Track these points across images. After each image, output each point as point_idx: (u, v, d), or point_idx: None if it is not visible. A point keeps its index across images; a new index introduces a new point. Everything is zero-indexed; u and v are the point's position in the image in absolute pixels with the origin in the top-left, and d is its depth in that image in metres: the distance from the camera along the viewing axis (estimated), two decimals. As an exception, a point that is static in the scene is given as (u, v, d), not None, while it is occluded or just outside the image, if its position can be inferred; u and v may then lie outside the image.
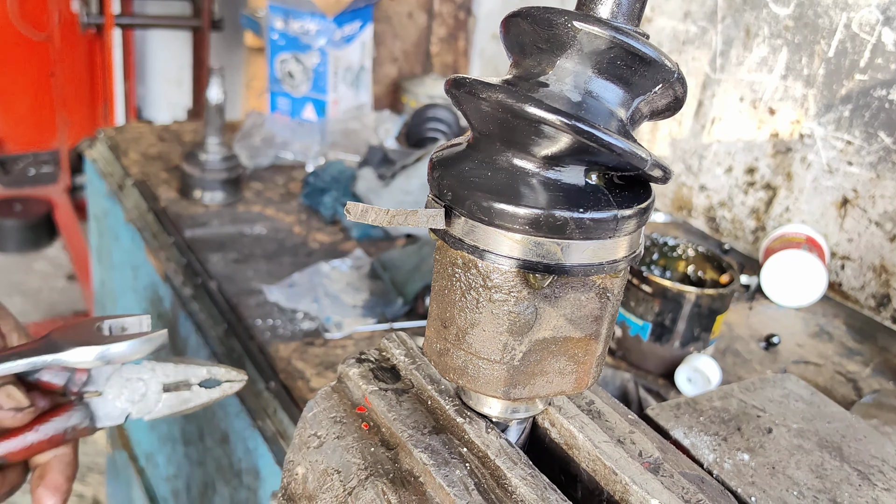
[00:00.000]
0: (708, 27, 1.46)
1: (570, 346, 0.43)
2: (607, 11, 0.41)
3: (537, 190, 0.40)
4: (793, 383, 0.77)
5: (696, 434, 0.66)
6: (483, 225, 0.40)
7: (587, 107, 0.40)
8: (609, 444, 0.47)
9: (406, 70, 1.93)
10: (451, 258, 0.43)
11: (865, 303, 1.28)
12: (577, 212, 0.39)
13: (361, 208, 0.39)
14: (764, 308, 1.26)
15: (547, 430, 0.50)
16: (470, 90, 0.40)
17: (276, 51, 1.63)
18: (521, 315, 0.42)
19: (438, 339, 0.45)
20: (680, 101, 0.42)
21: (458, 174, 0.41)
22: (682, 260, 1.12)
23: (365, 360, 0.53)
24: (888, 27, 1.19)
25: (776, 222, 1.40)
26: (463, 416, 0.47)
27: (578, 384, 0.45)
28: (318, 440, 0.49)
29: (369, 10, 1.66)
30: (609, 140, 0.38)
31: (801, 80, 1.32)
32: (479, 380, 0.43)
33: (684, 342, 1.02)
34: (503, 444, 0.45)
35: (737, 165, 1.45)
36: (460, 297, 0.43)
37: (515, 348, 0.42)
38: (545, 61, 0.41)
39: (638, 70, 0.40)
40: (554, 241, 0.40)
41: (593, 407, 0.51)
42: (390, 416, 0.48)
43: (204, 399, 0.59)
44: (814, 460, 0.65)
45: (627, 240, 0.41)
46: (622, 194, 0.41)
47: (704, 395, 0.72)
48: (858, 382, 1.08)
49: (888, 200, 1.22)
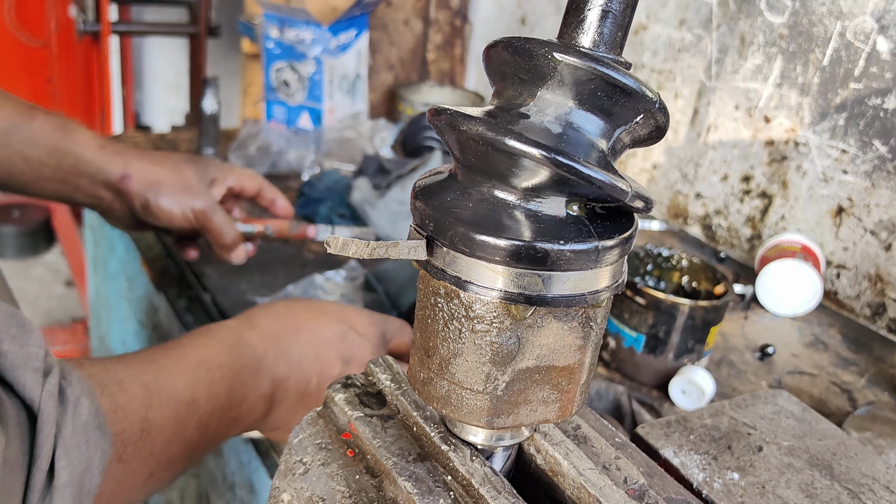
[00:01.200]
0: (703, 35, 1.46)
1: (554, 374, 0.43)
2: (589, 41, 0.41)
3: (518, 221, 0.40)
4: (784, 399, 0.76)
5: (686, 453, 0.66)
6: (465, 256, 0.40)
7: (567, 139, 0.40)
8: (594, 472, 0.47)
9: (402, 77, 1.93)
10: (434, 288, 0.43)
11: (861, 312, 1.28)
12: (559, 243, 0.39)
13: (342, 242, 0.39)
14: (759, 317, 1.26)
15: (532, 457, 0.50)
16: (451, 122, 0.40)
17: (272, 59, 1.63)
18: (504, 345, 0.41)
19: (422, 369, 0.45)
20: (662, 129, 0.42)
21: (440, 205, 0.41)
22: (676, 270, 1.12)
23: (351, 384, 0.53)
24: (883, 35, 1.19)
25: (772, 230, 1.40)
26: (448, 444, 0.47)
27: (563, 412, 0.45)
28: (304, 467, 0.49)
29: (365, 18, 1.66)
30: (589, 173, 0.38)
31: (795, 88, 1.32)
32: (462, 409, 0.43)
33: (678, 354, 1.02)
34: (487, 473, 0.45)
35: (732, 173, 1.45)
36: (443, 326, 0.42)
37: (498, 378, 0.42)
38: (526, 92, 0.41)
39: (619, 101, 0.40)
40: (535, 273, 0.39)
41: (579, 432, 0.51)
42: (375, 443, 0.48)
43: None
44: (804, 479, 0.65)
45: (610, 270, 0.41)
46: (604, 224, 0.41)
47: (695, 413, 0.72)
48: (853, 393, 1.08)
49: (883, 209, 1.22)
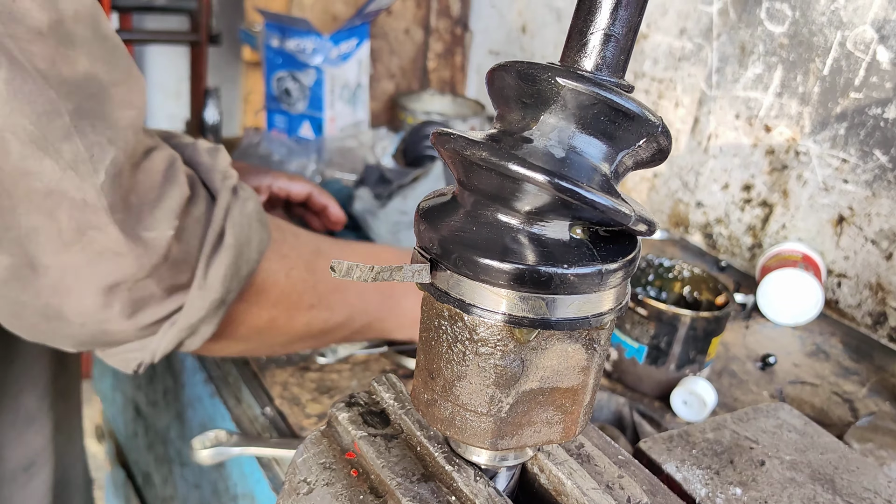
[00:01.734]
0: (703, 44, 1.46)
1: (558, 396, 0.44)
2: (591, 65, 0.41)
3: (522, 245, 0.40)
4: (786, 413, 0.77)
5: (689, 468, 0.66)
6: (468, 279, 0.40)
7: (570, 163, 0.40)
8: (597, 492, 0.47)
9: (403, 86, 1.93)
10: (438, 310, 0.43)
11: (862, 321, 1.28)
12: (562, 267, 0.39)
13: (346, 266, 0.39)
14: (760, 327, 1.26)
15: (536, 476, 0.50)
16: (454, 146, 0.40)
17: (273, 69, 1.63)
18: (508, 368, 0.42)
19: (426, 390, 0.45)
20: (664, 152, 0.42)
21: (444, 227, 0.41)
22: (677, 281, 1.12)
23: (355, 403, 0.53)
24: (883, 45, 1.19)
25: (773, 239, 1.40)
26: (451, 464, 0.47)
27: (566, 433, 0.45)
28: (308, 486, 0.49)
29: (366, 28, 1.67)
30: (592, 197, 0.38)
31: (796, 97, 1.33)
32: (466, 431, 0.44)
33: (680, 365, 1.02)
34: (491, 493, 0.45)
35: (733, 182, 1.46)
36: (447, 349, 0.43)
37: (502, 400, 0.42)
38: (529, 116, 0.41)
39: (622, 125, 0.40)
40: (539, 297, 0.40)
41: (583, 451, 0.51)
42: (379, 463, 0.48)
43: None
44: (806, 493, 0.65)
45: (613, 293, 0.42)
46: (607, 248, 0.41)
47: (697, 427, 0.72)
48: (854, 403, 1.08)
49: (884, 218, 1.22)
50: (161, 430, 1.38)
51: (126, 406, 1.60)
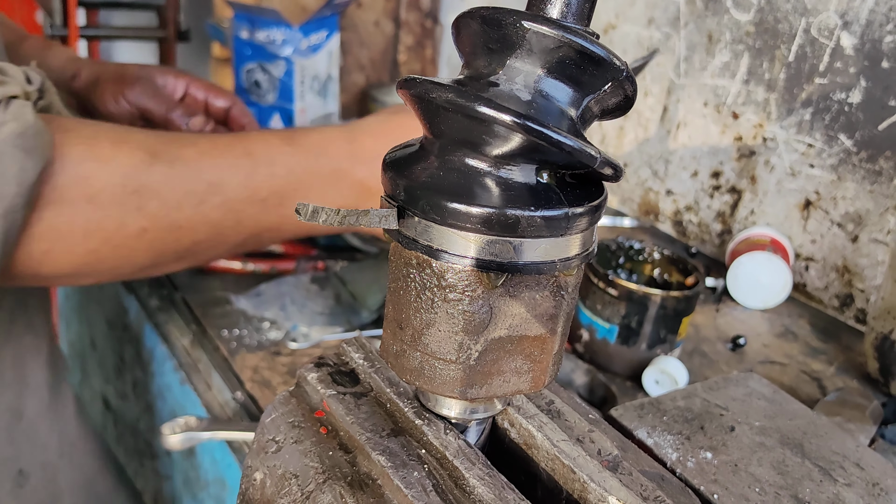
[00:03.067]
0: (671, 33, 1.48)
1: (527, 344, 0.44)
2: (557, 12, 0.41)
3: (489, 189, 0.40)
4: (755, 382, 0.77)
5: (660, 433, 0.67)
6: (436, 224, 0.40)
7: (537, 106, 0.40)
8: (567, 443, 0.47)
9: (374, 78, 1.93)
10: (406, 259, 0.43)
11: (829, 303, 1.30)
12: (529, 210, 0.39)
13: (311, 209, 0.39)
14: (730, 310, 1.27)
15: (507, 431, 0.50)
16: (420, 90, 0.40)
17: (242, 60, 1.62)
18: (476, 314, 0.42)
19: (395, 341, 0.45)
20: (630, 99, 0.43)
21: (411, 174, 0.41)
22: (647, 263, 1.13)
23: (323, 364, 0.53)
24: (847, 31, 1.21)
25: (742, 225, 1.41)
26: (421, 418, 0.47)
27: (535, 383, 0.45)
28: (276, 445, 0.48)
29: (335, 19, 1.66)
30: (558, 138, 0.38)
31: (762, 84, 1.34)
32: (435, 380, 0.43)
33: (651, 344, 1.03)
34: (461, 445, 0.45)
35: (702, 169, 1.47)
36: (415, 297, 0.43)
37: (471, 348, 0.42)
38: (495, 61, 0.41)
39: (587, 69, 0.40)
40: (506, 240, 0.40)
41: (553, 407, 0.51)
42: (348, 420, 0.48)
43: None
44: (776, 457, 0.66)
45: (580, 237, 0.42)
46: (574, 192, 0.41)
47: (668, 395, 0.73)
48: (823, 381, 1.10)
49: (849, 202, 1.24)
50: (131, 422, 1.37)
51: (94, 400, 1.57)
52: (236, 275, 1.20)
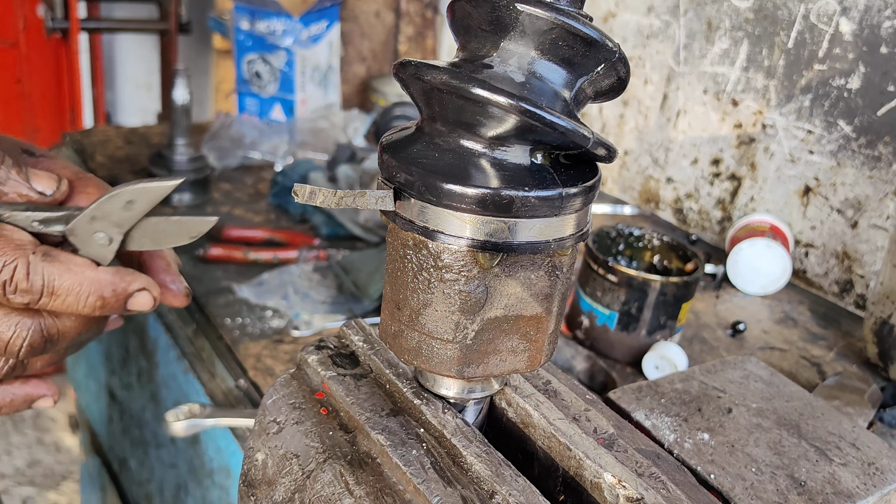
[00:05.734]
0: (671, 21, 1.48)
1: (522, 324, 0.44)
2: (550, -6, 0.41)
3: (484, 170, 0.40)
4: (753, 364, 0.78)
5: (658, 415, 0.67)
6: (432, 206, 0.41)
7: (531, 87, 0.40)
8: (564, 422, 0.48)
9: (375, 69, 1.94)
10: (403, 240, 0.43)
11: (829, 289, 1.31)
12: (523, 190, 0.40)
13: (309, 190, 0.39)
14: (730, 296, 1.28)
15: (504, 410, 0.51)
16: (415, 73, 0.40)
17: (243, 51, 1.63)
18: (472, 294, 0.42)
19: (393, 322, 0.45)
20: (623, 81, 0.43)
21: (407, 156, 0.42)
22: (647, 250, 1.13)
23: (324, 346, 0.54)
24: (845, 17, 1.21)
25: (742, 212, 1.42)
26: (420, 398, 0.48)
27: (531, 362, 0.46)
28: (278, 426, 0.49)
29: (336, 10, 1.67)
30: (552, 119, 0.39)
31: (762, 71, 1.34)
32: (433, 360, 0.44)
33: (651, 330, 1.03)
34: (459, 424, 0.46)
35: (702, 157, 1.47)
36: (412, 278, 0.43)
37: (468, 327, 0.43)
38: (489, 43, 0.41)
39: (580, 50, 0.41)
40: (501, 220, 0.40)
41: (550, 386, 0.52)
42: (348, 401, 0.48)
43: None
44: (772, 438, 0.66)
45: (574, 217, 0.42)
46: (568, 173, 0.41)
47: (666, 378, 0.73)
48: (822, 366, 1.10)
49: (848, 188, 1.25)
50: (136, 412, 1.38)
51: (100, 393, 1.59)
52: (239, 264, 1.21)
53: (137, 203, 0.55)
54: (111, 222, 0.56)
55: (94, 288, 0.56)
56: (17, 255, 0.53)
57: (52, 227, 0.56)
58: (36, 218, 0.56)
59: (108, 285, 0.56)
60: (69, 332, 0.58)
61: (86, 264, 0.56)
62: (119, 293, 0.57)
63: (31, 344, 0.56)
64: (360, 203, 0.41)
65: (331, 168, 1.41)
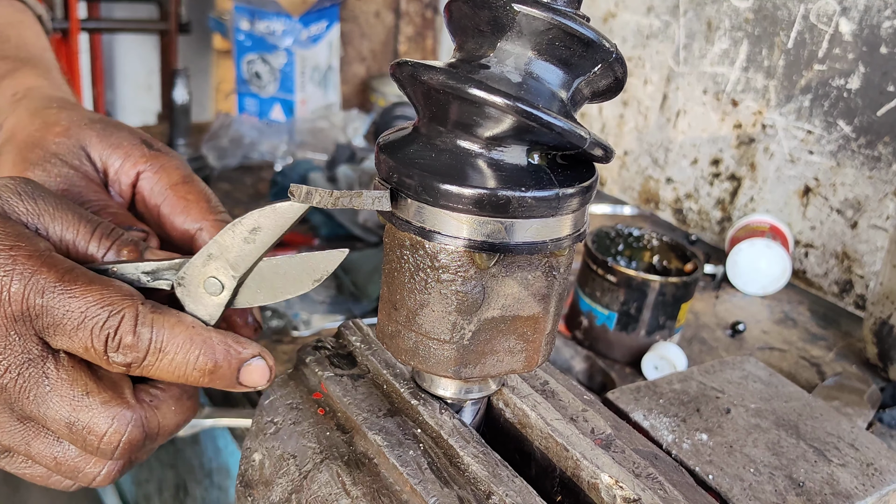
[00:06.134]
0: (671, 21, 1.48)
1: (519, 324, 0.44)
2: (547, -6, 0.41)
3: (480, 170, 0.40)
4: (751, 365, 0.78)
5: (656, 416, 0.67)
6: (429, 206, 0.41)
7: (528, 88, 0.40)
8: (561, 422, 0.48)
9: (374, 69, 1.93)
10: (399, 240, 0.43)
11: (829, 289, 1.30)
12: (520, 191, 0.40)
13: (306, 190, 0.39)
14: (730, 297, 1.28)
15: (501, 411, 0.51)
16: (412, 73, 0.40)
17: (243, 52, 1.63)
18: (469, 294, 0.42)
19: (390, 322, 0.45)
20: (620, 81, 0.43)
21: (404, 157, 0.42)
22: (646, 250, 1.13)
23: (321, 347, 0.54)
24: (845, 17, 1.21)
25: (741, 212, 1.42)
26: (417, 399, 0.48)
27: (529, 363, 0.45)
28: (275, 427, 0.49)
29: (335, 10, 1.66)
30: (549, 119, 0.39)
31: (761, 71, 1.34)
32: (429, 360, 0.44)
33: (650, 330, 1.03)
34: (456, 424, 0.46)
35: (702, 157, 1.47)
36: (409, 278, 0.43)
37: (465, 328, 0.43)
38: (486, 44, 0.41)
39: (577, 51, 0.41)
40: (498, 220, 0.40)
41: (547, 387, 0.52)
42: (346, 401, 0.48)
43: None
44: (771, 438, 0.66)
45: (571, 218, 0.42)
46: (564, 173, 0.41)
47: (664, 378, 0.73)
48: (822, 367, 1.10)
49: (848, 188, 1.24)
50: (135, 412, 1.38)
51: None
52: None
53: (262, 231, 0.46)
54: (227, 262, 0.47)
55: (206, 347, 0.46)
56: (125, 305, 0.45)
57: (160, 280, 0.49)
58: (144, 269, 0.49)
59: (221, 345, 0.47)
60: (168, 427, 0.49)
61: (195, 322, 0.47)
62: (233, 358, 0.47)
63: (129, 441, 0.46)
64: (356, 203, 0.41)
65: (330, 168, 1.41)
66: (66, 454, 0.48)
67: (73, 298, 0.44)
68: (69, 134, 0.58)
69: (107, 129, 0.59)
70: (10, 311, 0.44)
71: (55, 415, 0.45)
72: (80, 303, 0.44)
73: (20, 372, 0.44)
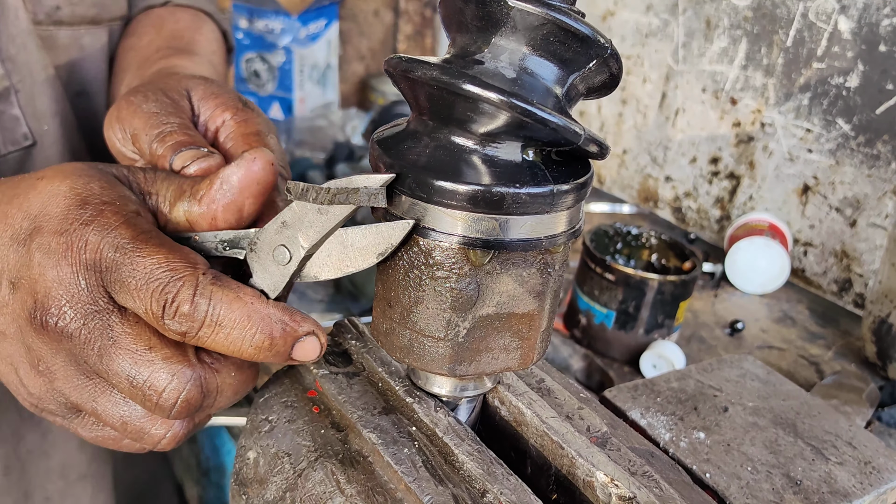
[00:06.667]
0: (670, 19, 1.48)
1: (514, 321, 0.44)
2: (541, -11, 0.41)
3: (475, 166, 0.40)
4: (749, 363, 0.78)
5: (653, 414, 0.67)
6: (423, 202, 0.41)
7: (522, 83, 0.40)
8: (556, 420, 0.47)
9: (373, 68, 1.93)
10: (394, 237, 0.43)
11: (828, 288, 1.30)
12: (514, 187, 0.39)
13: (302, 187, 0.39)
14: (729, 295, 1.28)
15: (497, 409, 0.50)
16: (406, 69, 0.40)
17: (242, 50, 1.62)
18: (464, 291, 0.42)
19: (384, 319, 0.45)
20: (615, 77, 0.43)
21: (399, 153, 0.42)
22: (645, 249, 1.13)
23: (317, 344, 0.53)
24: (844, 15, 1.21)
25: (740, 210, 1.42)
26: (412, 396, 0.48)
27: (524, 360, 0.45)
28: (270, 424, 0.49)
29: (334, 9, 1.66)
30: (543, 115, 0.38)
31: (760, 69, 1.34)
32: (424, 358, 0.44)
33: (648, 329, 1.03)
34: (451, 422, 0.46)
35: (701, 156, 1.47)
36: (403, 275, 0.43)
37: (459, 325, 0.43)
38: (480, 39, 0.41)
39: (572, 46, 0.40)
40: (492, 217, 0.40)
41: (543, 385, 0.51)
42: (340, 399, 0.48)
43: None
44: (768, 437, 0.66)
45: (566, 214, 0.42)
46: (559, 170, 0.41)
47: (662, 377, 0.73)
48: (821, 365, 1.10)
49: (847, 186, 1.24)
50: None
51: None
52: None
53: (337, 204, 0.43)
54: (300, 230, 0.45)
55: (263, 324, 0.46)
56: (187, 273, 0.45)
57: (236, 249, 0.49)
58: (223, 238, 0.49)
59: (278, 322, 0.46)
60: (227, 392, 0.49)
61: (255, 295, 0.46)
62: (288, 334, 0.46)
63: (187, 399, 0.46)
64: (352, 200, 0.40)
65: (329, 167, 1.41)
66: (133, 414, 0.48)
67: (141, 258, 0.45)
68: (179, 79, 0.64)
69: (213, 83, 0.65)
70: (83, 259, 0.45)
71: (118, 368, 0.45)
72: (146, 262, 0.45)
73: (85, 322, 0.45)
